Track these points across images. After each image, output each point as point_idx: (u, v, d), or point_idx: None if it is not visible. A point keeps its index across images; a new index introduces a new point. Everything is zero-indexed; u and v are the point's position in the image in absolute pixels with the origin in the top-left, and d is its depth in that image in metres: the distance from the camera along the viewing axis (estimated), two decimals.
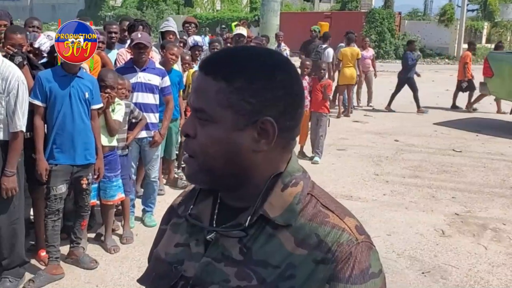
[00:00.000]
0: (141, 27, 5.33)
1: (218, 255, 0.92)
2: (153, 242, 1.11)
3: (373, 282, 0.87)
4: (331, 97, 7.19)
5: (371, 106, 11.30)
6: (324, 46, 9.64)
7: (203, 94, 0.90)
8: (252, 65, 0.90)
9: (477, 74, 11.34)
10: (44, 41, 3.96)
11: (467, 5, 26.65)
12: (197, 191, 1.01)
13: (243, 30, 8.09)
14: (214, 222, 0.96)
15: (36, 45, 3.88)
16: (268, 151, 0.91)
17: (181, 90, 5.35)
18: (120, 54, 5.19)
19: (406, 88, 10.82)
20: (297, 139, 1.01)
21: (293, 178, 0.94)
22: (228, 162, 0.90)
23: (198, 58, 6.46)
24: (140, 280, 1.04)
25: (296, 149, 6.48)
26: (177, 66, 5.42)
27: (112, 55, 5.24)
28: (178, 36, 6.07)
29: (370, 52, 11.03)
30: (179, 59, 5.36)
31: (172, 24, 5.92)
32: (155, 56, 5.48)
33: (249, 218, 0.91)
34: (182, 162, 5.99)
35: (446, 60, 24.99)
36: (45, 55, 4.00)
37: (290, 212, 0.91)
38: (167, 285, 0.96)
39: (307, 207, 0.92)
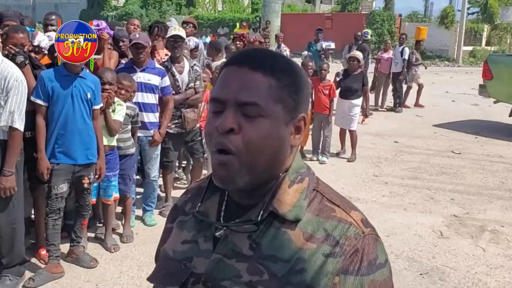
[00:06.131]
0: (156, 29, 5.35)
1: (229, 252, 0.94)
2: (160, 240, 1.12)
3: (381, 271, 0.91)
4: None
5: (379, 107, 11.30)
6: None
7: (253, 89, 0.89)
8: (291, 65, 0.97)
9: (477, 76, 11.35)
10: (42, 38, 3.97)
11: (468, 8, 26.67)
12: (204, 188, 1.03)
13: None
14: (221, 218, 0.98)
15: (35, 43, 3.89)
16: (295, 147, 0.97)
17: None
18: None
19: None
20: None
21: (299, 175, 0.97)
22: (273, 157, 0.93)
23: None
24: (150, 279, 1.05)
25: None
26: None
27: None
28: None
29: (389, 54, 10.99)
30: None
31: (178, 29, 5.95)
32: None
33: (260, 214, 0.93)
34: (182, 163, 6.01)
35: (446, 62, 24.99)
36: (46, 52, 4.02)
37: (298, 208, 0.93)
38: (179, 282, 0.97)
39: (313, 202, 0.95)
